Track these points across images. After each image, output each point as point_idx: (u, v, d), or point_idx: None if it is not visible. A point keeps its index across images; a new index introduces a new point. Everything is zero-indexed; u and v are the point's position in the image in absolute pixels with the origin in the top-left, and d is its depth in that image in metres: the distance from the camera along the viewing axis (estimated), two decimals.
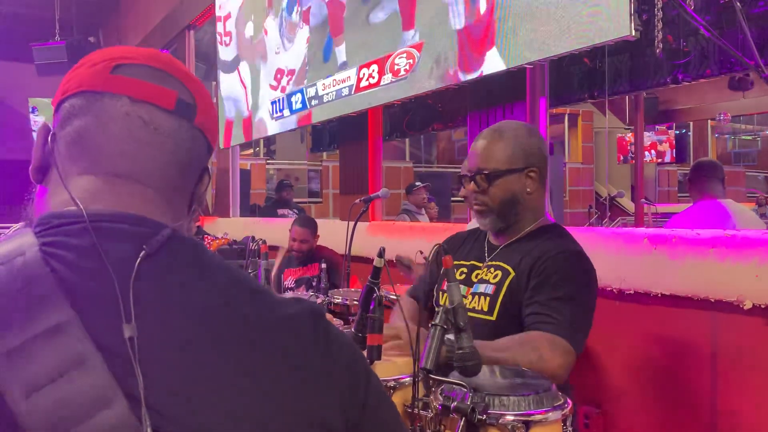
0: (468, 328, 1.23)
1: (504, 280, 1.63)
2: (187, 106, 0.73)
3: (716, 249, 2.28)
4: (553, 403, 1.18)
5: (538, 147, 1.71)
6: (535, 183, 1.67)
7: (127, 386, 0.58)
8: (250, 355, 0.64)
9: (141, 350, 0.59)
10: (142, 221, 0.67)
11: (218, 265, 0.69)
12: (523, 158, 1.65)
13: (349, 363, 0.71)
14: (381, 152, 4.65)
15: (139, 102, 0.70)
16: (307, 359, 0.67)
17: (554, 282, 1.54)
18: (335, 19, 4.36)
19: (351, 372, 0.70)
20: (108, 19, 10.46)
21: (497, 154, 1.65)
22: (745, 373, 2.23)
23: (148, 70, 0.72)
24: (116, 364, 0.58)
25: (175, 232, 0.67)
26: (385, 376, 1.36)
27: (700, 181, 3.02)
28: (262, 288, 0.71)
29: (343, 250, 2.87)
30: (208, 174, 0.77)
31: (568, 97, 3.84)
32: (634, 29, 2.32)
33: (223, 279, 0.67)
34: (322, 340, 0.69)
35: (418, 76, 3.53)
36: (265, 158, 12.60)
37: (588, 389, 2.74)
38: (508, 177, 1.64)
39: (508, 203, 1.65)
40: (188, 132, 0.73)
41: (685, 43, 2.84)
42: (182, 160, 0.73)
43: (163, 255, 0.65)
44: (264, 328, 0.66)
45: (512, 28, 2.89)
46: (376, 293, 1.36)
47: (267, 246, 2.03)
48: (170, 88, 0.72)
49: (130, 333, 0.59)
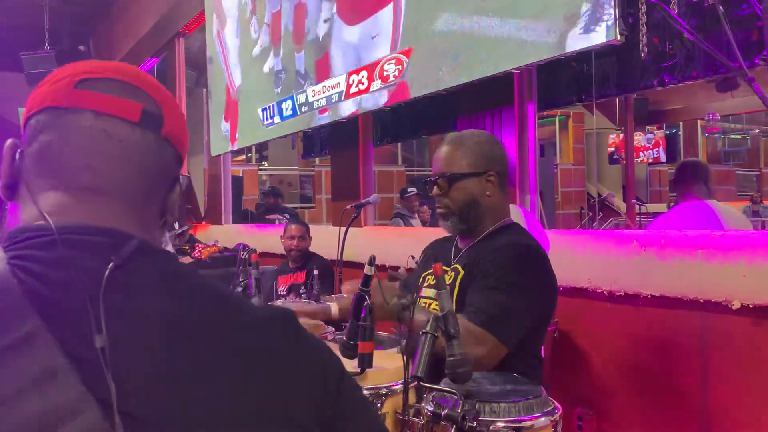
0: (459, 335, 1.25)
1: (456, 280, 1.69)
2: (153, 117, 0.73)
3: (704, 250, 2.30)
4: (543, 409, 1.20)
5: (498, 154, 1.77)
6: (494, 187, 1.74)
7: (100, 395, 0.58)
8: (221, 360, 0.65)
9: (112, 359, 0.60)
10: (110, 233, 0.68)
11: (188, 274, 0.70)
12: (483, 163, 1.72)
13: (321, 362, 0.72)
14: (372, 157, 4.66)
15: (103, 115, 0.70)
16: (278, 361, 0.68)
17: (492, 272, 1.59)
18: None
19: (323, 371, 0.71)
20: (98, 27, 10.43)
21: (458, 159, 1.73)
22: (734, 372, 2.25)
23: (112, 84, 0.72)
24: (88, 373, 0.59)
25: (143, 243, 0.68)
26: (376, 383, 1.37)
27: (685, 182, 3.05)
28: (232, 294, 0.72)
29: (335, 255, 2.88)
30: (179, 184, 0.78)
31: (557, 100, 3.86)
32: (619, 33, 2.35)
33: (192, 287, 0.69)
34: (293, 342, 0.71)
35: (407, 82, 3.55)
36: (257, 164, 12.60)
37: (581, 390, 2.76)
38: (468, 180, 1.72)
39: (468, 205, 1.72)
40: (155, 143, 0.73)
41: (670, 46, 2.87)
42: (150, 171, 0.74)
43: (131, 265, 0.65)
44: (235, 332, 0.67)
45: (499, 33, 2.91)
46: (366, 301, 1.37)
47: (257, 254, 2.03)
48: (135, 101, 0.72)
49: (102, 343, 0.59)
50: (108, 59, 0.77)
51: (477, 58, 3.06)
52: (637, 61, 2.93)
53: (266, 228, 6.28)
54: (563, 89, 3.60)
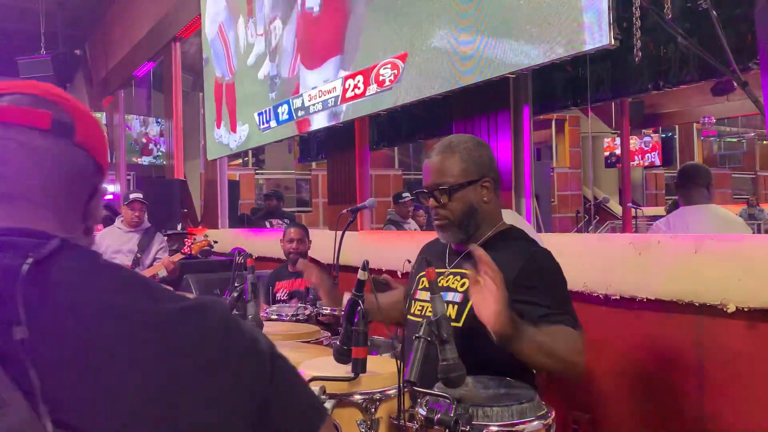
0: (452, 340, 1.25)
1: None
2: (65, 125, 0.77)
3: (699, 254, 2.31)
4: (536, 413, 1.20)
5: (489, 158, 1.77)
6: (490, 192, 1.73)
7: (25, 386, 0.61)
8: (145, 348, 0.66)
9: (34, 350, 0.62)
10: (29, 233, 0.71)
11: (111, 268, 0.73)
12: (477, 170, 1.71)
13: (250, 343, 0.74)
14: (368, 161, 4.66)
15: (12, 126, 0.74)
16: (206, 347, 0.70)
17: (549, 284, 1.60)
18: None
19: (253, 353, 0.73)
20: (94, 32, 10.43)
21: (451, 168, 1.70)
22: (730, 376, 2.26)
23: (21, 97, 0.77)
24: (10, 366, 0.61)
25: (65, 241, 0.71)
26: (370, 388, 1.36)
27: (685, 186, 3.05)
28: (157, 286, 0.74)
29: (332, 259, 2.88)
30: (99, 192, 0.82)
31: (552, 104, 3.88)
32: (614, 38, 2.35)
33: (116, 280, 0.71)
34: (221, 327, 0.72)
35: (403, 86, 3.56)
36: (254, 168, 12.60)
37: (576, 394, 2.76)
38: (466, 189, 1.70)
39: (467, 214, 1.71)
40: (68, 149, 0.78)
41: (665, 50, 2.88)
42: (64, 177, 0.77)
43: (52, 261, 0.68)
44: (160, 322, 0.69)
45: (495, 38, 2.92)
46: (360, 306, 1.37)
47: (253, 259, 2.03)
48: (44, 110, 0.76)
49: (21, 335, 0.62)
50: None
51: (471, 65, 3.07)
52: (632, 65, 2.94)
53: (263, 232, 6.28)
54: (559, 93, 3.61)
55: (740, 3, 2.52)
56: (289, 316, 2.66)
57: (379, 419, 1.35)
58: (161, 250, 4.58)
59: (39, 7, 8.48)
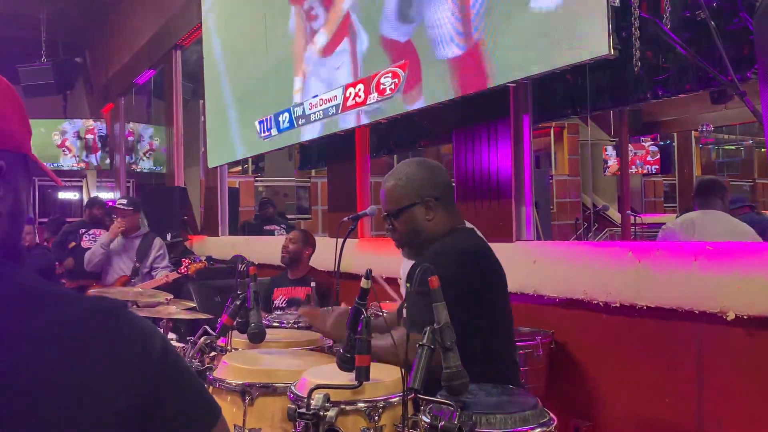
0: (455, 348, 1.26)
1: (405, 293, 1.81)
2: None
3: (699, 261, 2.32)
4: (538, 420, 1.21)
5: (431, 179, 1.87)
6: (432, 210, 1.83)
7: None
8: (46, 351, 0.68)
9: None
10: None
11: (16, 275, 0.74)
12: (415, 192, 1.83)
13: (142, 340, 0.74)
14: (369, 169, 4.68)
15: None
16: (101, 348, 0.71)
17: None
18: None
19: (143, 349, 0.74)
20: (95, 39, 10.46)
21: (394, 195, 1.86)
22: (729, 383, 2.27)
23: None
24: None
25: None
26: (374, 396, 1.37)
27: (699, 198, 3.29)
28: (61, 290, 0.76)
29: (332, 266, 2.88)
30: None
31: (552, 113, 3.89)
32: (613, 48, 2.37)
33: (20, 287, 0.73)
34: (114, 329, 0.73)
35: (404, 95, 3.57)
36: (253, 175, 12.61)
37: (577, 402, 2.77)
38: (406, 213, 1.84)
39: (411, 235, 1.86)
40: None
41: (664, 59, 2.90)
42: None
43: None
44: (58, 327, 0.70)
45: (495, 48, 2.95)
46: (363, 314, 1.38)
47: (255, 267, 2.04)
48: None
49: None
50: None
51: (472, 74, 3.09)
52: (631, 75, 2.96)
53: (263, 239, 6.28)
54: (558, 102, 3.63)
55: (738, 13, 2.55)
56: (290, 323, 2.66)
57: (382, 426, 1.35)
58: (159, 257, 4.59)
59: (40, 14, 8.51)
